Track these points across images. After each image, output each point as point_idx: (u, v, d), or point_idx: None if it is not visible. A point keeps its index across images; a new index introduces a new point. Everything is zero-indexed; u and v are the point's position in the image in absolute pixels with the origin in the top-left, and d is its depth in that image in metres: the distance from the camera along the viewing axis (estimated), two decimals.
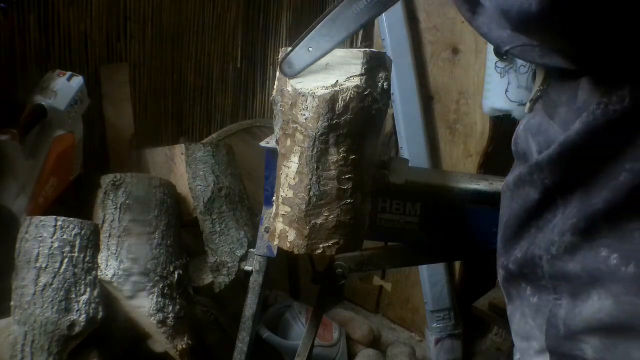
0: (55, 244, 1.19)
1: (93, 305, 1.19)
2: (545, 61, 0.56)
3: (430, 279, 1.84)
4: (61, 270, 1.18)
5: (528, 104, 0.65)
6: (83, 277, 1.20)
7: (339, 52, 0.86)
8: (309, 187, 0.81)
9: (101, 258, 1.26)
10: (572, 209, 0.52)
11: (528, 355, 0.58)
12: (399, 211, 1.09)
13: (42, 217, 1.22)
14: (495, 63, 1.53)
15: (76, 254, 1.21)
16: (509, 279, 0.61)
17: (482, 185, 1.10)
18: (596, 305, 0.49)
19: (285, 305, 1.78)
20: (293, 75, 0.83)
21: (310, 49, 0.82)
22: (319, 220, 0.81)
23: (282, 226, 0.85)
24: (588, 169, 0.51)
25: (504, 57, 1.49)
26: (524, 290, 0.58)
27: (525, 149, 0.62)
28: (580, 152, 0.51)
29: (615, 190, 0.49)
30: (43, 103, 1.44)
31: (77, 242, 1.22)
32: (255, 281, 1.16)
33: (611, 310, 0.48)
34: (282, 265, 1.96)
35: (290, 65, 0.83)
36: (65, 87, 1.49)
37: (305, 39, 0.82)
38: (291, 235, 0.84)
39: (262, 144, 1.07)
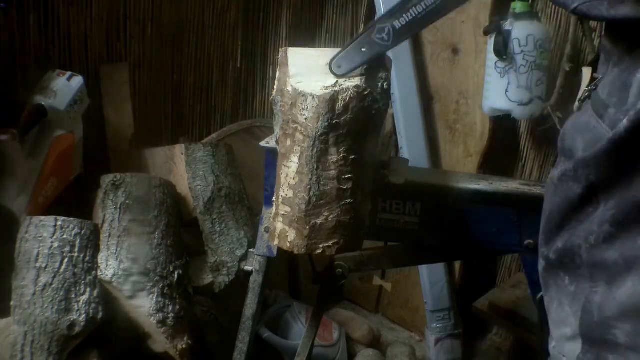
0: (55, 244, 1.19)
1: (93, 305, 1.19)
2: (612, 14, 0.57)
3: (430, 279, 1.84)
4: (61, 271, 1.18)
5: (577, 103, 0.68)
6: (83, 277, 1.20)
7: None
8: (309, 187, 0.81)
9: (101, 258, 1.26)
10: (612, 201, 0.55)
11: (562, 342, 0.61)
12: (399, 211, 1.09)
13: (42, 217, 1.22)
14: (495, 63, 1.53)
15: (76, 254, 1.21)
16: (548, 269, 0.64)
17: (482, 185, 1.10)
18: (630, 291, 0.52)
19: (285, 306, 1.78)
20: (342, 76, 0.84)
21: (363, 50, 0.83)
22: (319, 221, 0.81)
23: (282, 226, 0.85)
24: (631, 164, 0.54)
25: (504, 57, 1.49)
26: (563, 280, 0.61)
27: (571, 146, 0.64)
28: (625, 149, 0.54)
29: None
30: (43, 103, 1.44)
31: (77, 242, 1.22)
32: (255, 281, 1.16)
33: None
34: (282, 265, 1.96)
35: (340, 65, 0.83)
36: (65, 87, 1.49)
37: (359, 39, 0.83)
38: (291, 235, 0.84)
39: (262, 144, 1.07)
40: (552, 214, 0.64)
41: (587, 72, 0.68)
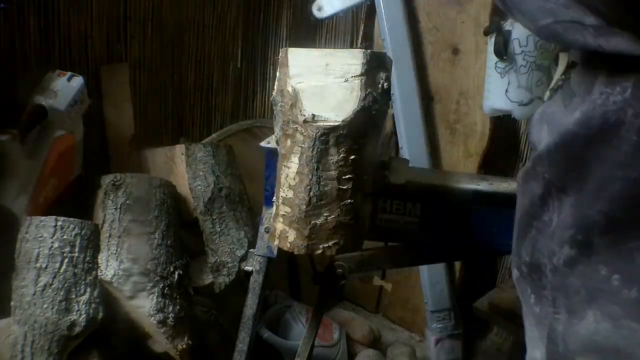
0: (56, 244, 1.19)
1: (93, 305, 1.19)
2: (600, 43, 0.46)
3: (430, 279, 1.84)
4: (61, 271, 1.18)
5: (548, 93, 0.61)
6: (83, 278, 1.20)
7: (339, 53, 0.86)
8: (309, 187, 0.81)
9: (101, 258, 1.26)
10: (568, 216, 0.48)
11: None
12: (399, 211, 1.09)
13: (43, 218, 1.22)
14: (496, 63, 1.53)
15: (76, 254, 1.21)
16: (519, 281, 0.58)
17: (482, 185, 1.09)
18: (592, 326, 0.46)
19: (285, 306, 1.78)
20: (321, 18, 0.81)
21: None
22: (319, 221, 0.81)
23: (282, 226, 0.85)
24: (582, 170, 0.47)
25: (504, 57, 1.49)
26: (529, 298, 0.55)
27: (536, 139, 0.58)
28: (576, 146, 0.47)
29: (611, 202, 0.45)
30: (43, 103, 1.43)
31: (78, 242, 1.22)
32: (255, 281, 1.16)
33: (610, 333, 0.45)
34: (283, 265, 1.96)
35: (320, 8, 0.82)
36: (65, 87, 1.48)
37: None
38: (291, 235, 0.84)
39: (263, 144, 1.07)
40: (520, 219, 0.56)
41: (563, 59, 0.58)
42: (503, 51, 1.48)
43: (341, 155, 0.79)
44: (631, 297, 0.44)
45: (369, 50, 0.86)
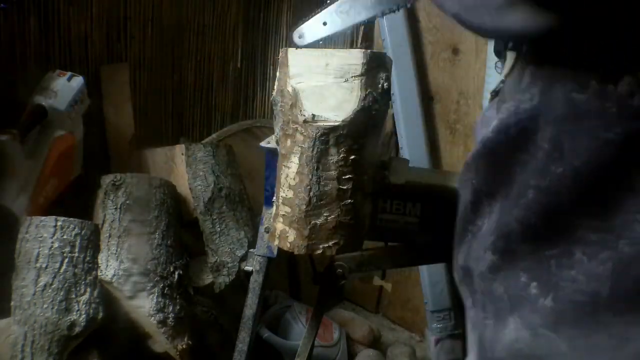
0: (56, 244, 1.19)
1: (93, 305, 1.19)
2: (497, 23, 0.44)
3: (430, 279, 1.84)
4: (61, 271, 1.18)
5: (488, 95, 0.60)
6: (83, 278, 1.20)
7: (339, 53, 0.86)
8: (309, 187, 0.81)
9: (101, 258, 1.26)
10: (493, 222, 0.48)
11: None
12: (399, 211, 1.09)
13: (43, 218, 1.22)
14: (496, 63, 1.52)
15: (76, 254, 1.21)
16: (460, 285, 0.57)
17: None
18: (513, 335, 0.46)
19: (285, 306, 1.78)
20: (301, 46, 0.81)
21: (325, 24, 0.81)
22: (319, 221, 0.81)
23: (282, 226, 0.85)
24: (508, 176, 0.46)
25: (504, 57, 1.49)
26: (466, 300, 0.55)
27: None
28: (495, 154, 0.47)
29: (526, 210, 0.45)
30: (43, 103, 1.43)
31: (78, 242, 1.22)
32: (255, 281, 1.16)
33: (529, 341, 0.45)
34: (283, 265, 1.96)
35: (302, 36, 0.82)
36: (65, 87, 1.48)
37: (322, 12, 0.80)
38: (291, 235, 0.84)
39: (263, 144, 1.07)
40: (457, 223, 0.55)
41: (510, 58, 0.55)
42: (503, 51, 1.48)
43: (341, 155, 0.80)
44: (547, 306, 0.44)
45: (369, 50, 0.86)
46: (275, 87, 0.90)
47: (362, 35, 2.05)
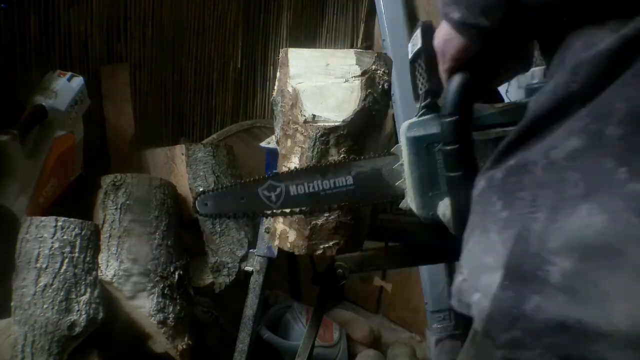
0: (56, 245, 1.19)
1: (93, 305, 1.19)
2: (446, 11, 0.51)
3: (430, 280, 1.83)
4: (61, 271, 1.18)
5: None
6: (83, 278, 1.20)
7: (339, 53, 0.86)
8: None
9: (102, 258, 1.26)
10: (585, 110, 0.46)
11: (478, 274, 0.53)
12: (399, 211, 1.09)
13: (43, 218, 1.22)
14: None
15: (77, 255, 1.21)
16: (484, 193, 0.55)
17: None
18: (584, 221, 0.44)
19: (285, 306, 1.78)
20: (204, 215, 0.72)
21: (242, 200, 0.75)
22: (319, 221, 0.81)
23: (282, 227, 0.85)
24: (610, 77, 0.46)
25: None
26: (493, 205, 0.53)
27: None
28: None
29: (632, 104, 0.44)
30: (43, 103, 1.44)
31: (78, 242, 1.22)
32: (255, 282, 1.16)
33: (602, 227, 0.44)
34: (283, 265, 1.96)
35: (207, 203, 0.69)
36: (65, 87, 1.49)
37: (242, 186, 0.75)
38: (292, 236, 0.84)
39: (263, 144, 1.07)
40: (524, 123, 0.53)
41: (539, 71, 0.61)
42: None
43: (341, 155, 0.79)
44: (636, 191, 0.43)
45: (369, 51, 0.86)
46: (275, 87, 0.91)
47: (362, 35, 2.05)
